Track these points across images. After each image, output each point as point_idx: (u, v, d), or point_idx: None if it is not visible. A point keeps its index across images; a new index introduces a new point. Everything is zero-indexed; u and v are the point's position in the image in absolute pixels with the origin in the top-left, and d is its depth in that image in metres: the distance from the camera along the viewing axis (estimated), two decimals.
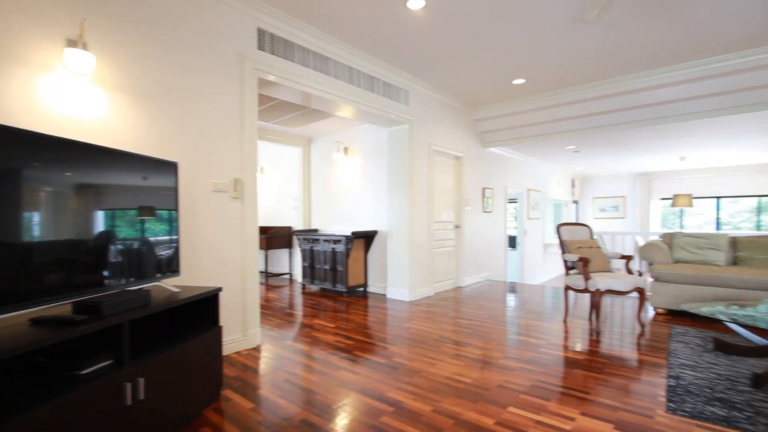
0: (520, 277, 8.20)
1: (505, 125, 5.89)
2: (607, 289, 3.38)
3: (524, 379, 2.45)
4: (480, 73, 4.52)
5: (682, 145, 6.77)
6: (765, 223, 9.54)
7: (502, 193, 7.07)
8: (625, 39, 3.67)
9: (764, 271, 3.65)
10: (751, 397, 2.16)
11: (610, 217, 11.32)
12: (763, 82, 4.00)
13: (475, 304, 4.57)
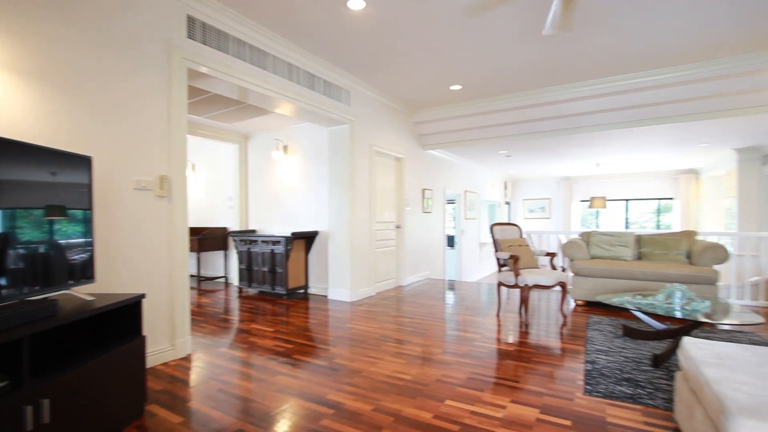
0: (458, 274, 8.55)
1: (443, 129, 6.11)
2: (534, 284, 3.64)
3: (461, 373, 2.55)
4: (419, 77, 4.64)
5: (597, 152, 7.52)
6: (664, 222, 10.93)
7: (441, 194, 7.33)
8: (552, 54, 3.98)
9: (662, 265, 4.17)
10: (651, 376, 2.45)
11: (538, 218, 12.24)
12: (664, 99, 4.58)
13: (415, 303, 4.67)
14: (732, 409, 1.19)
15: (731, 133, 5.84)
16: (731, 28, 3.43)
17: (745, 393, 1.27)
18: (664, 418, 1.95)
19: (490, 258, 10.46)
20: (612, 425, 1.89)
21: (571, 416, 1.98)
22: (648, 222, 11.17)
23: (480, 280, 9.43)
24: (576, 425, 1.90)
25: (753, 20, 3.30)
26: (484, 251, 10.02)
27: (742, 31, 3.50)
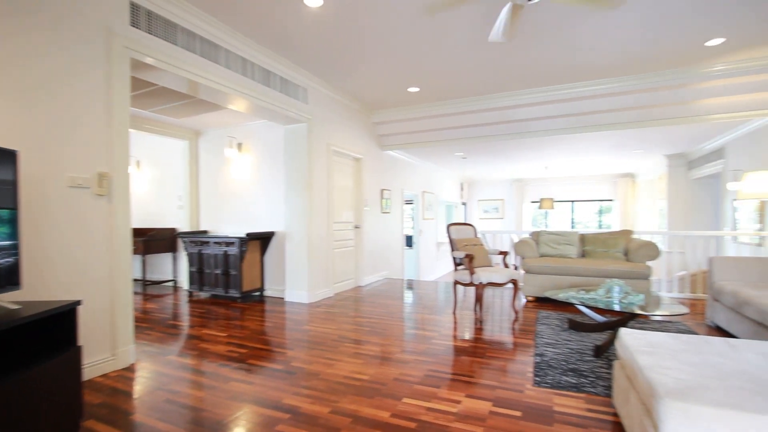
0: (416, 274, 8.69)
1: (401, 130, 6.18)
2: (488, 281, 3.77)
3: (418, 370, 2.59)
4: (378, 77, 4.66)
5: (546, 155, 7.95)
6: (605, 222, 11.75)
7: (399, 194, 7.41)
8: (505, 61, 4.14)
9: (603, 262, 4.48)
10: (593, 365, 2.62)
11: (492, 218, 12.72)
12: (603, 108, 4.92)
13: (374, 303, 4.69)
14: (660, 392, 1.30)
15: (661, 141, 6.40)
16: (656, 47, 3.76)
17: (672, 377, 1.39)
18: (604, 404, 2.09)
19: (447, 257, 10.72)
20: (558, 413, 2.00)
21: (521, 407, 2.08)
22: (591, 222, 11.97)
23: (438, 278, 9.64)
24: (525, 416, 1.99)
25: (672, 41, 3.64)
26: (441, 251, 10.25)
27: (664, 50, 3.84)
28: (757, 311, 2.70)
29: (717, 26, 3.43)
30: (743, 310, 2.91)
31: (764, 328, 2.68)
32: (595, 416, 1.97)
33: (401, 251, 7.43)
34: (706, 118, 4.66)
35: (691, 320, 3.79)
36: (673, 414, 1.24)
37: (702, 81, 4.36)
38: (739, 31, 3.52)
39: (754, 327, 2.82)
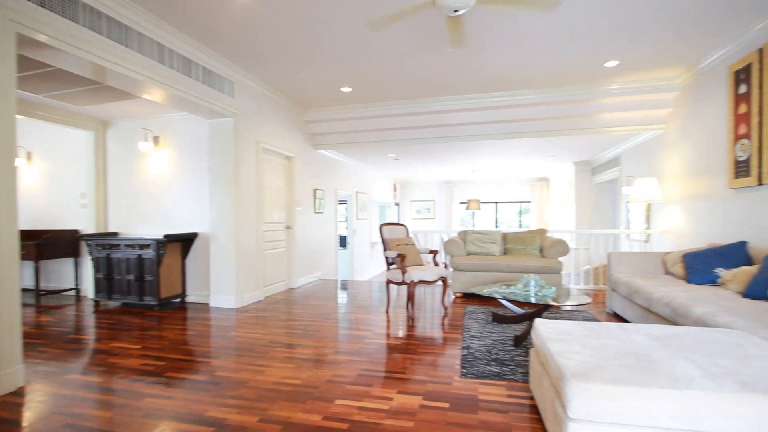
0: (350, 274, 8.68)
1: (334, 129, 6.13)
2: (419, 280, 3.89)
3: (351, 371, 2.58)
4: (310, 75, 4.57)
5: (473, 159, 8.42)
6: (524, 222, 12.78)
7: (333, 194, 7.34)
8: (436, 67, 4.30)
9: (522, 258, 4.86)
10: (513, 354, 2.83)
11: (424, 218, 13.17)
12: (522, 117, 5.34)
13: (307, 304, 4.59)
14: (567, 375, 1.44)
15: (570, 149, 7.13)
16: (566, 65, 4.18)
17: (577, 361, 1.55)
18: (522, 390, 2.27)
19: (381, 257, 10.87)
20: (482, 401, 2.13)
21: (449, 398, 2.17)
22: (513, 222, 12.95)
23: (372, 278, 9.73)
24: (453, 406, 2.08)
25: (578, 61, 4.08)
26: (375, 250, 10.37)
27: (572, 68, 4.29)
28: (645, 299, 3.12)
29: (613, 50, 3.90)
30: (634, 298, 3.34)
31: (650, 313, 3.11)
32: (515, 401, 2.13)
33: (335, 251, 7.38)
34: (605, 130, 5.29)
35: (594, 309, 4.27)
36: (578, 393, 1.39)
37: (602, 97, 4.94)
38: (629, 56, 4.05)
39: (643, 312, 3.25)
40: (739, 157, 3.60)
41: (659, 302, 2.87)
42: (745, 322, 2.10)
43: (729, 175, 3.75)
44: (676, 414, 1.33)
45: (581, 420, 1.42)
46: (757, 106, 3.35)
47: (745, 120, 3.51)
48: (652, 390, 1.35)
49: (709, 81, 4.10)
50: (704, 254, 3.40)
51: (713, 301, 2.58)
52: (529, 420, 1.94)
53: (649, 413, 1.34)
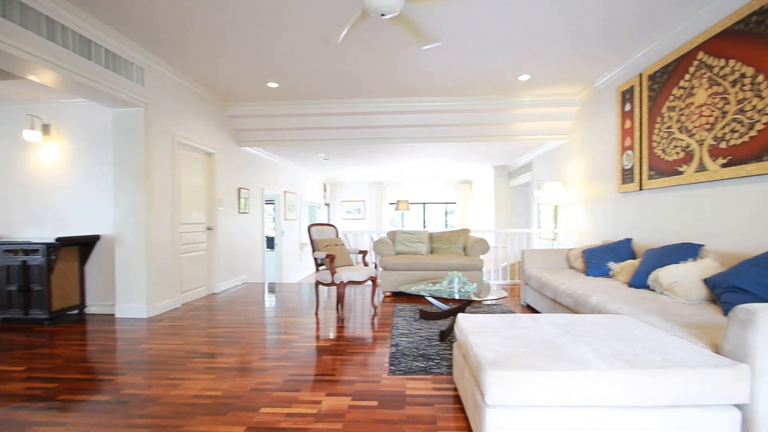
0: (279, 276, 8.38)
1: (260, 126, 5.87)
2: (349, 280, 3.89)
3: (277, 377, 2.49)
4: (233, 67, 4.33)
5: (402, 161, 8.65)
6: (450, 222, 13.44)
7: (259, 193, 7.03)
8: (365, 70, 4.34)
9: (447, 257, 5.10)
10: (439, 349, 2.96)
11: (354, 218, 13.20)
12: (446, 122, 5.61)
13: (230, 310, 4.33)
14: (484, 364, 1.55)
15: (489, 154, 7.66)
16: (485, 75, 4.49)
17: (493, 351, 1.67)
18: (447, 382, 2.38)
19: (311, 258, 10.66)
20: (410, 396, 2.19)
21: (377, 396, 2.20)
22: (440, 222, 13.55)
23: (301, 280, 9.50)
24: (381, 404, 2.11)
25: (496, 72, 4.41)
26: (304, 252, 10.14)
27: (491, 79, 4.63)
28: (552, 291, 3.46)
29: (525, 65, 4.28)
30: (544, 290, 3.69)
31: (557, 304, 3.46)
32: (440, 393, 2.23)
33: (261, 253, 7.07)
34: (519, 138, 5.78)
35: (511, 302, 4.64)
36: (494, 381, 1.50)
37: (516, 108, 5.38)
38: (538, 71, 4.47)
39: (551, 303, 3.61)
40: (625, 165, 4.17)
41: (564, 294, 3.21)
42: (630, 308, 2.44)
43: (618, 181, 4.32)
44: (575, 392, 1.49)
45: (497, 406, 1.53)
46: (639, 122, 3.91)
47: (630, 134, 4.07)
48: (555, 373, 1.50)
49: (603, 99, 4.69)
50: (599, 250, 3.87)
51: (606, 291, 2.95)
52: (453, 410, 2.04)
53: (554, 394, 1.49)
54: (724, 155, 2.91)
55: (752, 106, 2.67)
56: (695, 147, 3.18)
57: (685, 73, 3.30)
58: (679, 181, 3.36)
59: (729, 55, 2.87)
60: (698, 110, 3.16)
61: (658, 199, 3.69)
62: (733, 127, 2.82)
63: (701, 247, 2.92)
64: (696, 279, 2.60)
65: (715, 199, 3.03)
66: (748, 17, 2.70)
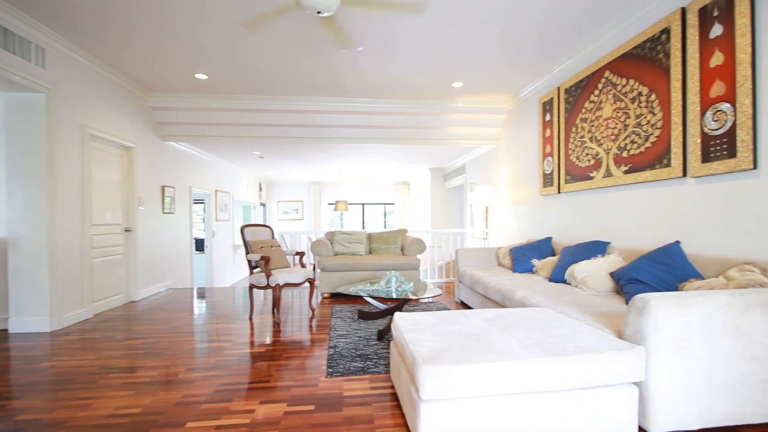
0: (209, 281, 7.89)
1: (187, 119, 5.47)
2: (285, 282, 3.78)
3: (206, 388, 2.34)
4: (155, 55, 3.99)
5: (341, 161, 8.60)
6: (389, 223, 13.64)
7: (187, 192, 6.56)
8: (303, 68, 4.24)
9: (385, 257, 5.17)
10: (377, 348, 2.99)
11: (292, 219, 12.85)
12: (385, 124, 5.69)
13: (153, 319, 3.98)
14: (419, 361, 1.60)
15: (425, 157, 7.91)
16: (423, 80, 4.64)
17: (427, 347, 1.73)
18: (384, 381, 2.41)
19: (245, 261, 10.18)
20: (347, 398, 2.18)
21: (314, 400, 2.16)
22: (379, 222, 13.68)
23: (235, 284, 9.03)
24: (318, 407, 2.08)
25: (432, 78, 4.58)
26: (238, 254, 9.65)
27: (428, 84, 4.79)
28: (483, 287, 3.67)
29: (458, 72, 4.49)
30: (476, 287, 3.90)
31: (487, 299, 3.67)
32: (378, 392, 2.25)
33: (190, 257, 6.60)
34: (453, 142, 6.04)
35: (446, 299, 4.82)
36: (429, 376, 1.55)
37: (451, 113, 5.62)
38: (470, 79, 4.71)
39: (482, 299, 3.82)
40: (546, 170, 4.55)
41: (493, 290, 3.41)
42: (549, 300, 2.67)
43: (540, 184, 4.70)
44: (502, 381, 1.59)
45: (431, 400, 1.59)
46: (557, 131, 4.29)
47: (550, 142, 4.45)
48: (484, 365, 1.59)
49: (527, 108, 5.07)
50: (524, 248, 4.18)
51: (529, 285, 3.19)
52: (390, 408, 2.07)
53: (483, 384, 1.58)
54: (626, 163, 3.30)
55: (647, 121, 3.07)
56: (603, 155, 3.57)
57: (594, 89, 3.69)
58: (590, 186, 3.75)
59: (629, 75, 3.26)
60: (605, 122, 3.55)
61: (574, 202, 4.08)
62: (633, 139, 3.22)
63: (608, 244, 3.28)
64: (604, 273, 2.92)
65: (619, 202, 3.43)
66: (643, 43, 3.09)
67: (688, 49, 2.71)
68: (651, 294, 1.78)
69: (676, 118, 2.79)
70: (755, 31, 2.30)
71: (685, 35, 2.74)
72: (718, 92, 2.50)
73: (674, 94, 2.81)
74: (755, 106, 2.29)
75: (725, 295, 1.78)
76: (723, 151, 2.46)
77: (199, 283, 7.98)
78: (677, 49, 2.78)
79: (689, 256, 2.56)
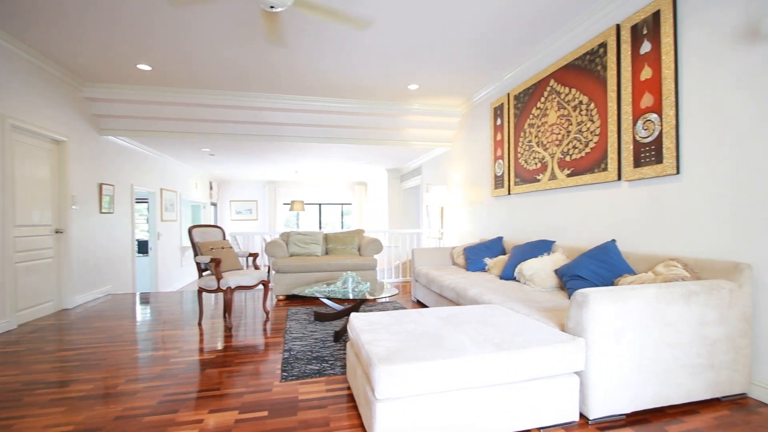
0: (155, 285, 7.41)
1: (129, 113, 5.10)
2: (237, 285, 3.64)
3: (150, 399, 2.20)
4: (91, 41, 3.69)
5: (297, 160, 8.43)
6: (346, 223, 13.56)
7: (128, 191, 6.13)
8: (256, 62, 4.10)
9: (342, 257, 5.14)
10: (334, 350, 2.96)
11: (246, 219, 12.41)
12: (344, 124, 5.65)
13: (88, 327, 3.67)
14: (374, 360, 1.60)
15: (383, 158, 7.96)
16: (381, 81, 4.67)
17: (383, 347, 1.74)
18: (341, 382, 2.39)
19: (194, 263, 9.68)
20: (302, 401, 2.14)
21: (268, 406, 2.10)
22: (336, 222, 13.56)
23: (183, 287, 8.56)
24: (272, 413, 2.03)
25: (390, 79, 4.63)
26: (186, 256, 9.16)
27: (386, 85, 4.83)
28: (438, 286, 3.75)
29: (414, 75, 4.56)
30: (431, 286, 3.98)
31: (442, 298, 3.76)
32: (334, 394, 2.23)
33: (132, 259, 6.16)
34: (410, 143, 6.13)
35: (402, 298, 4.88)
36: (383, 376, 1.56)
37: (407, 114, 5.70)
38: (426, 83, 4.81)
39: (437, 297, 3.90)
40: (497, 173, 4.74)
41: (448, 288, 3.50)
42: (500, 297, 2.78)
43: (491, 186, 4.89)
44: (455, 377, 1.64)
45: (387, 399, 1.60)
46: (507, 135, 4.49)
47: (501, 145, 4.65)
48: (438, 362, 1.63)
49: (479, 113, 5.26)
50: (477, 248, 4.33)
51: (482, 283, 3.31)
52: (346, 409, 2.06)
53: (437, 381, 1.62)
54: (568, 167, 3.52)
55: (587, 128, 3.29)
56: (549, 159, 3.78)
57: (541, 96, 3.90)
58: (537, 188, 3.96)
59: (571, 84, 3.48)
60: (550, 128, 3.76)
61: (523, 203, 4.29)
62: (575, 144, 3.44)
63: (554, 243, 3.48)
64: (550, 270, 3.10)
65: (563, 203, 3.65)
66: (583, 55, 3.32)
67: (622, 62, 2.95)
68: (590, 289, 1.92)
69: (612, 126, 3.02)
70: (678, 49, 2.54)
71: (619, 50, 2.97)
72: (647, 103, 2.73)
73: (610, 103, 3.04)
74: (678, 117, 2.54)
75: (653, 288, 1.95)
76: (652, 157, 2.70)
77: (142, 287, 7.48)
78: (613, 62, 3.01)
79: (624, 253, 2.78)
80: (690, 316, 1.97)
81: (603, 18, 3.14)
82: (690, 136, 2.48)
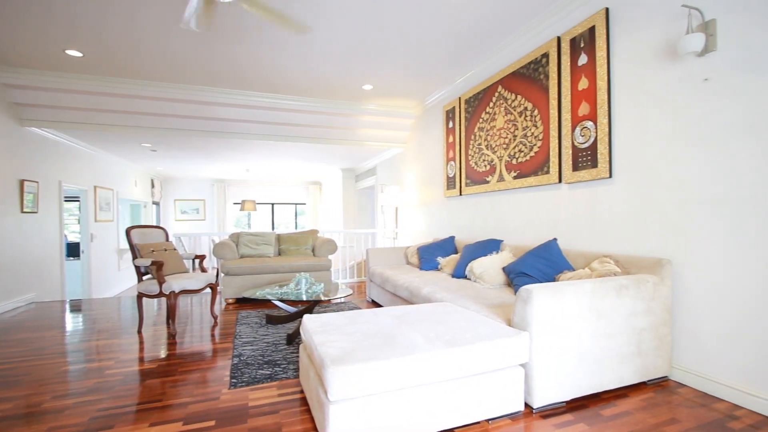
0: (88, 291, 6.81)
1: (57, 102, 4.64)
2: (181, 289, 3.44)
3: (80, 416, 2.02)
4: (11, 18, 3.32)
5: (247, 158, 8.12)
6: (300, 223, 13.29)
7: (56, 188, 5.58)
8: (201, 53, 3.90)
9: (295, 258, 5.03)
10: (286, 353, 2.89)
11: (192, 219, 11.76)
12: (298, 122, 5.53)
13: (7, 340, 3.30)
14: (327, 362, 1.59)
15: (337, 157, 7.90)
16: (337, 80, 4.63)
17: (336, 348, 1.73)
18: (293, 386, 2.34)
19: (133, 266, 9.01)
20: (253, 408, 2.07)
21: (215, 415, 2.01)
22: (290, 223, 13.25)
23: (121, 293, 7.94)
24: (220, 422, 1.94)
25: (345, 78, 4.61)
26: (125, 259, 8.51)
27: (341, 84, 4.80)
28: (392, 285, 3.79)
29: (368, 75, 4.57)
30: (386, 285, 4.01)
31: (396, 297, 3.80)
32: (286, 399, 2.17)
33: (60, 263, 5.62)
34: (364, 143, 6.14)
35: (357, 298, 4.87)
36: (336, 377, 1.54)
37: (362, 114, 5.70)
38: (380, 83, 4.84)
39: (392, 297, 3.94)
40: (449, 174, 4.88)
41: (402, 287, 3.55)
42: (452, 295, 2.87)
43: (444, 187, 5.02)
44: (408, 375, 1.66)
45: (340, 400, 1.59)
46: (458, 138, 4.63)
47: (453, 147, 4.79)
48: (391, 360, 1.64)
49: (432, 115, 5.38)
50: (430, 247, 4.42)
51: (435, 282, 3.39)
52: (300, 413, 2.02)
53: (390, 380, 1.63)
54: (515, 169, 3.70)
55: (532, 133, 3.48)
56: (497, 161, 3.95)
57: (490, 101, 4.07)
58: (486, 189, 4.12)
59: (517, 91, 3.67)
60: (498, 132, 3.94)
61: (473, 203, 4.45)
62: (520, 148, 3.62)
63: (502, 242, 3.64)
64: (498, 268, 3.24)
65: (510, 204, 3.83)
66: (528, 64, 3.51)
67: (562, 72, 3.15)
68: (533, 285, 2.03)
69: (554, 132, 3.22)
70: (611, 63, 2.76)
71: (560, 61, 3.18)
72: (584, 111, 2.94)
73: (552, 111, 3.24)
74: (611, 125, 2.75)
75: (589, 283, 2.10)
76: (588, 161, 2.91)
77: (73, 294, 6.84)
78: (554, 72, 3.21)
79: (564, 251, 2.97)
80: (621, 309, 2.15)
81: (546, 29, 3.34)
82: (621, 143, 2.70)
